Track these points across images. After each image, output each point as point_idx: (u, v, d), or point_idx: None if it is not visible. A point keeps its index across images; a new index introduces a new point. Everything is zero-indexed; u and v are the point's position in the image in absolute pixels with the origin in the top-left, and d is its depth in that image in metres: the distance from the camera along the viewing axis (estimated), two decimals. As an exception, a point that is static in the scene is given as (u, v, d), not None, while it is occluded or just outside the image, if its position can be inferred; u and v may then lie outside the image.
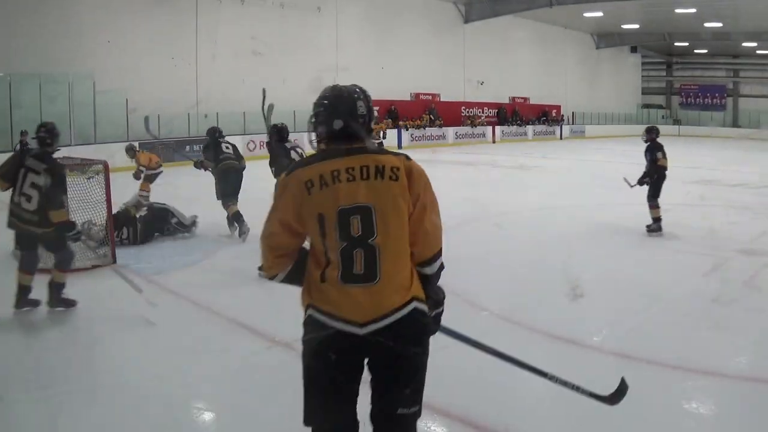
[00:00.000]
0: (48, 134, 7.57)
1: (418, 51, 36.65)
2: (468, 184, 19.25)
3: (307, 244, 3.55)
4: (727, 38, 50.59)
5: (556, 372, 4.41)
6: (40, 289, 7.59)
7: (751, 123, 58.40)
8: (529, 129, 43.39)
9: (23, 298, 7.51)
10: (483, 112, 41.32)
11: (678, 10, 40.82)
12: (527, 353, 6.56)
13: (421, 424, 4.92)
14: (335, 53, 32.31)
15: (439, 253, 3.72)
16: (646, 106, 63.70)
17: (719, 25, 45.31)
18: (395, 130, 33.29)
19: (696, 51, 60.81)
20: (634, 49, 57.74)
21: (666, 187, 12.65)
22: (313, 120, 3.57)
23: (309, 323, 3.53)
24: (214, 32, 27.52)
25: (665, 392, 5.81)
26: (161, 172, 14.77)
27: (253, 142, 25.40)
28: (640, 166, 11.13)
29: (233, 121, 27.06)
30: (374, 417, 3.62)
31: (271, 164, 10.27)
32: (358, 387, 3.54)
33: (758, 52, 56.73)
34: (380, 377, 3.56)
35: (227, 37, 27.97)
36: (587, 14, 43.39)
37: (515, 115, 43.37)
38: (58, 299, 7.64)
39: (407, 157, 3.61)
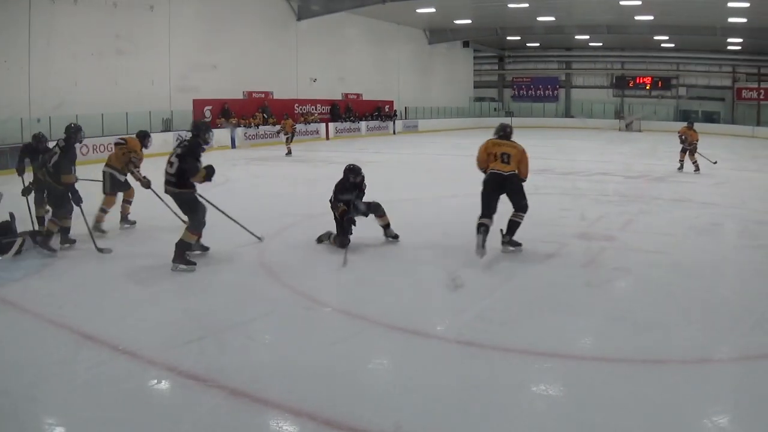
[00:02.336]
0: None
1: (250, 49, 36.14)
2: (305, 181, 19.01)
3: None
4: (560, 31, 51.96)
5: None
6: None
7: (584, 113, 60.25)
8: (363, 125, 43.39)
9: None
10: (316, 109, 41.11)
11: (511, 5, 41.61)
12: (371, 347, 6.52)
13: (273, 423, 5.07)
14: (168, 52, 31.56)
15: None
16: (479, 99, 65.03)
17: (552, 18, 46.44)
18: (227, 130, 32.64)
19: (528, 44, 62.36)
20: (466, 44, 58.75)
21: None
22: None
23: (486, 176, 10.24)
24: (47, 33, 26.32)
25: (514, 376, 5.94)
26: None
27: (86, 146, 24.33)
28: (471, 158, 11.12)
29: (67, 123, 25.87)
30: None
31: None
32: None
33: (591, 44, 58.69)
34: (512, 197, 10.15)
35: (61, 38, 26.80)
36: (420, 10, 43.76)
37: (348, 111, 43.33)
38: None
39: None
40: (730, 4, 37.28)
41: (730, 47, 53.92)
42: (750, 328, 7.11)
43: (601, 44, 59.12)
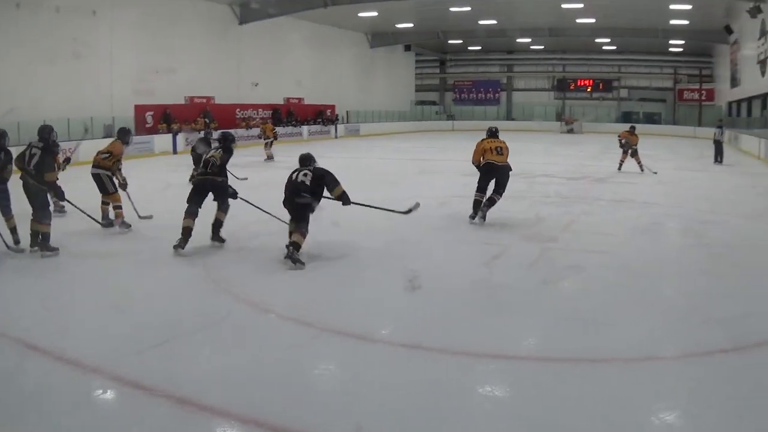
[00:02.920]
0: None
1: (192, 54, 35.81)
2: (247, 187, 18.85)
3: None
4: (502, 35, 52.36)
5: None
6: None
7: (525, 115, 60.81)
8: (305, 129, 43.22)
9: None
10: (258, 114, 40.84)
11: (453, 9, 41.77)
12: (317, 353, 6.46)
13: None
14: (110, 58, 31.17)
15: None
16: (420, 103, 65.25)
17: (494, 22, 46.85)
18: (170, 135, 32.32)
19: (470, 48, 62.67)
20: (408, 48, 58.77)
21: (443, 180, 12.87)
22: None
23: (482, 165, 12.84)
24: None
25: (459, 378, 5.91)
26: None
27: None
28: (414, 162, 11.11)
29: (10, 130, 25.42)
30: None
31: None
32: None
33: (532, 47, 59.19)
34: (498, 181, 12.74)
35: (2, 44, 26.34)
36: (362, 14, 43.71)
37: (290, 115, 43.17)
38: None
39: None
40: (672, 7, 37.84)
41: (671, 49, 54.73)
42: (695, 325, 7.18)
43: (542, 47, 59.64)
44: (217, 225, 11.09)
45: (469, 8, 41.22)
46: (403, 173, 22.46)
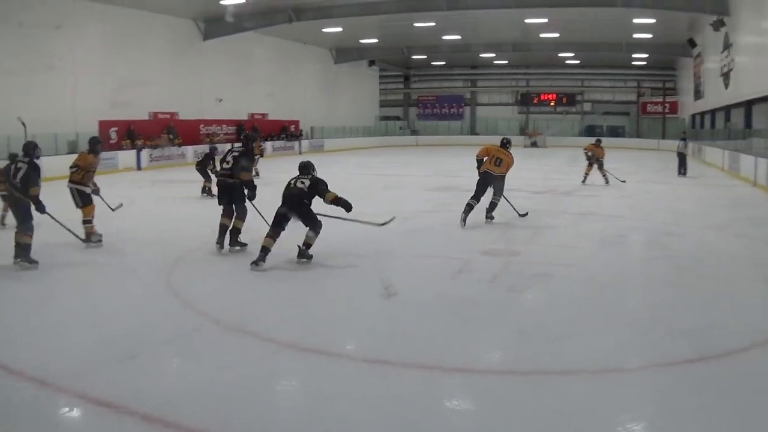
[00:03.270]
0: None
1: (157, 69, 35.57)
2: (211, 203, 18.73)
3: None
4: (466, 50, 52.66)
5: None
6: None
7: (489, 130, 61.09)
8: (269, 144, 43.03)
9: None
10: (222, 129, 40.68)
11: (417, 24, 41.87)
12: (281, 369, 6.41)
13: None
14: (74, 72, 30.94)
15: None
16: (384, 118, 65.39)
17: (458, 37, 46.97)
18: (134, 151, 32.12)
19: (434, 63, 62.96)
20: (372, 63, 58.94)
21: (406, 195, 12.92)
22: None
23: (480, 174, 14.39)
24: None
25: (425, 393, 5.85)
26: None
27: None
28: (378, 177, 11.13)
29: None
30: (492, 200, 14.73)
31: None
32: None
33: (496, 62, 59.55)
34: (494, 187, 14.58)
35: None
36: (326, 30, 43.75)
37: (255, 131, 42.94)
38: None
39: None
40: (635, 21, 38.22)
41: (635, 62, 55.30)
42: (660, 337, 7.19)
43: (506, 62, 60.10)
44: (234, 234, 11.73)
45: (433, 23, 41.37)
46: (367, 189, 22.41)
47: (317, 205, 10.71)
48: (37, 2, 28.72)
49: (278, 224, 10.56)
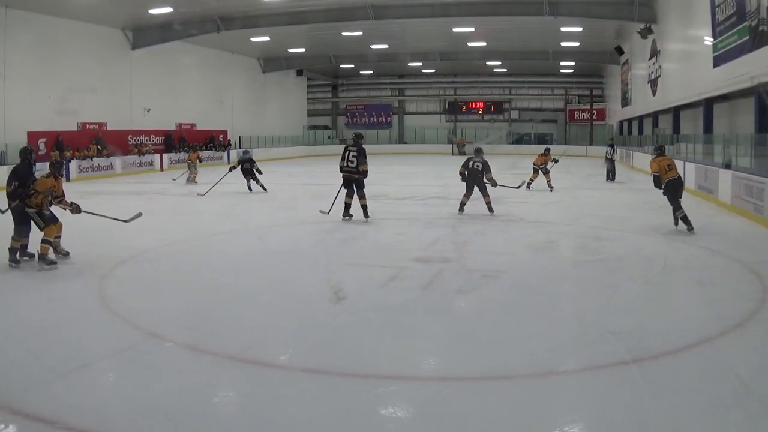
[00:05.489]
0: None
1: (84, 79, 35.06)
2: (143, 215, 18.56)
3: None
4: (393, 59, 52.98)
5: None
6: None
7: (417, 139, 61.40)
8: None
9: None
10: (150, 140, 40.23)
11: (345, 33, 42.06)
12: (217, 381, 6.35)
13: None
14: (2, 82, 30.43)
15: None
16: (313, 127, 65.51)
17: (385, 46, 47.27)
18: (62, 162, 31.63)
19: (362, 72, 63.17)
20: (300, 72, 58.99)
21: (336, 204, 13.09)
22: None
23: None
24: None
25: (360, 400, 5.86)
26: None
27: None
28: (306, 186, 11.15)
29: None
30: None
31: None
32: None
33: (423, 71, 59.87)
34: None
35: None
36: (254, 39, 43.72)
37: (182, 141, 42.64)
38: None
39: None
40: (563, 29, 38.84)
41: (562, 70, 56.03)
42: (593, 339, 7.25)
43: (433, 71, 60.52)
44: (364, 208, 15.98)
45: (360, 33, 41.60)
46: (296, 198, 22.41)
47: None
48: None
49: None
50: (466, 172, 17.44)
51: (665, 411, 5.46)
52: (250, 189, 24.08)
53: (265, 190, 23.90)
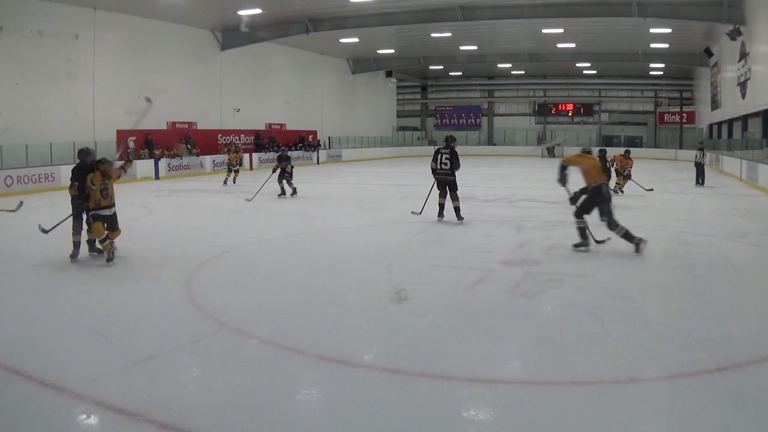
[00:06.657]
0: None
1: (175, 79, 35.86)
2: (229, 212, 18.77)
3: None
4: (483, 60, 52.76)
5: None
6: None
7: (506, 140, 61.11)
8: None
9: None
10: (240, 140, 40.73)
11: (434, 35, 42.04)
12: (300, 378, 6.41)
13: None
14: (92, 82, 31.18)
15: None
16: (402, 128, 65.48)
17: (475, 47, 47.13)
18: (152, 161, 32.25)
19: (451, 73, 63.04)
20: (389, 74, 59.09)
21: (428, 206, 13.04)
22: None
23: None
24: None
25: (443, 403, 5.83)
26: None
27: (11, 177, 23.48)
28: (395, 187, 11.15)
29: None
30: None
31: None
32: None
33: (513, 72, 59.58)
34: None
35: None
36: (343, 40, 44.02)
37: (272, 141, 43.04)
38: None
39: None
40: (652, 30, 38.21)
41: (652, 72, 55.14)
42: (678, 346, 7.14)
43: (523, 72, 60.18)
44: (457, 210, 16.04)
45: (449, 34, 41.52)
46: (385, 199, 22.42)
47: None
48: (56, 12, 29.04)
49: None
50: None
51: (749, 422, 5.37)
52: (283, 192, 22.53)
53: (294, 193, 22.65)
